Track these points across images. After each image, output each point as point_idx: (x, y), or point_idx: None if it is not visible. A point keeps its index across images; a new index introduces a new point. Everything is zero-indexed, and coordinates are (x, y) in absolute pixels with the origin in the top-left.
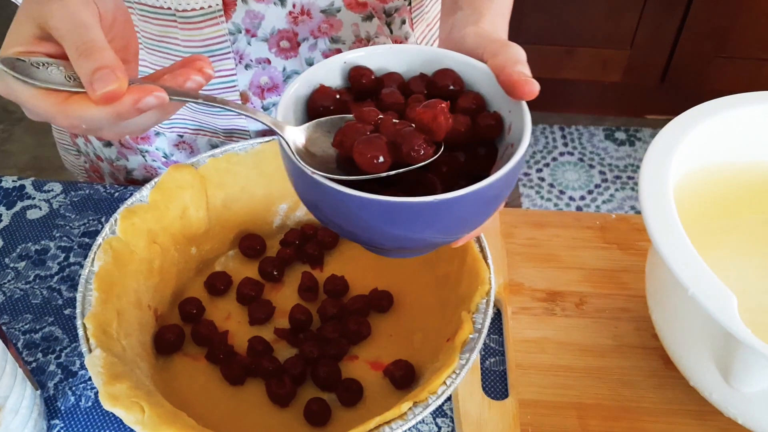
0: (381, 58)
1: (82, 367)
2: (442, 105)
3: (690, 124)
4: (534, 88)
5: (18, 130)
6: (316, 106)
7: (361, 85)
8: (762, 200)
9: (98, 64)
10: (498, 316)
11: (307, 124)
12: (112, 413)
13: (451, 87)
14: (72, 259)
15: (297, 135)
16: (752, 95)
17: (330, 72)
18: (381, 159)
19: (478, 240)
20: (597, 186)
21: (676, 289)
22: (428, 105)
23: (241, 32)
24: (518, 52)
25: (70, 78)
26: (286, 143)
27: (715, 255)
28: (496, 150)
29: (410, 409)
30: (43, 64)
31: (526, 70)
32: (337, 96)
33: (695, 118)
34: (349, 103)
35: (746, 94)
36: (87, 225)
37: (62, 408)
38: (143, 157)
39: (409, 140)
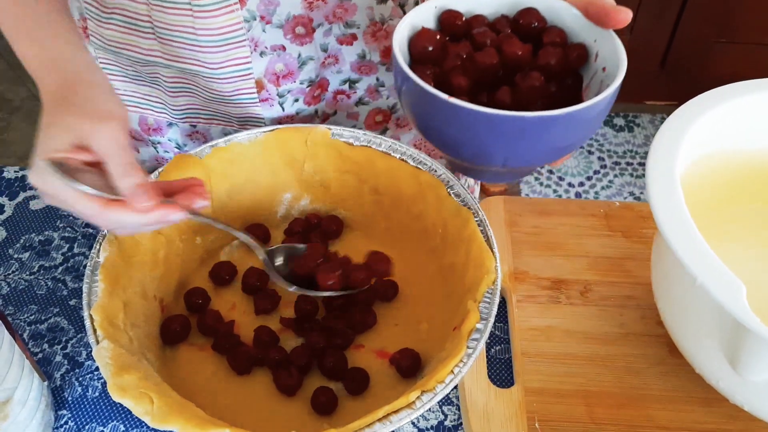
0: (467, 1)
1: (89, 357)
2: (387, 258)
3: (697, 111)
4: (628, 15)
5: (15, 119)
6: (418, 46)
7: (454, 27)
8: None
9: (138, 181)
10: (503, 304)
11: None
12: (119, 402)
13: (535, 24)
14: (76, 250)
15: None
16: (759, 82)
17: (423, 16)
18: (332, 282)
19: (484, 229)
20: (596, 172)
21: (683, 277)
22: (376, 256)
23: (255, 19)
24: None
25: (107, 186)
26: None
27: (722, 243)
28: (581, 79)
29: (418, 398)
30: (80, 171)
31: (613, 2)
32: (437, 37)
33: (702, 106)
34: (447, 43)
35: (753, 81)
36: None
37: (69, 399)
38: (155, 148)
39: (354, 274)
